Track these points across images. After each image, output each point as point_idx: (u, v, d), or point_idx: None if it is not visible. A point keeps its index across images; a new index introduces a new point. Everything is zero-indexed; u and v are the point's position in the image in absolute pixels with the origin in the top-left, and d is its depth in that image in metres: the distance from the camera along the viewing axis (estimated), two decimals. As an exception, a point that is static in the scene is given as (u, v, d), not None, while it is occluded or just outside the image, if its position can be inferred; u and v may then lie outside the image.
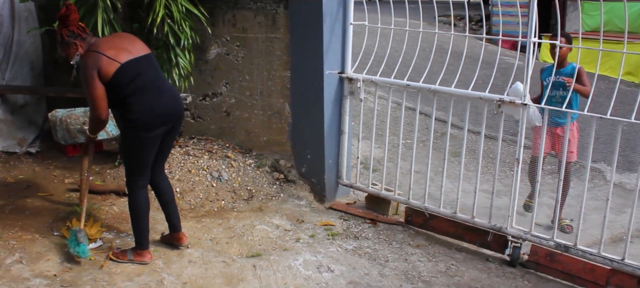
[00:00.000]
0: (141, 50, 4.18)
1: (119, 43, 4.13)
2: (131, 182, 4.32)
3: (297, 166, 5.98)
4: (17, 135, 6.42)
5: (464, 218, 4.99)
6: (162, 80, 4.27)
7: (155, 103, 4.11)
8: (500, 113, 4.62)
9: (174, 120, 4.26)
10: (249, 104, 6.13)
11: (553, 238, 4.50)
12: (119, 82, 3.99)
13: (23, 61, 6.56)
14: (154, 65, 4.25)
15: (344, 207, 5.66)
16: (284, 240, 4.90)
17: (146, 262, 4.35)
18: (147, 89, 4.09)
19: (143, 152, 4.20)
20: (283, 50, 5.76)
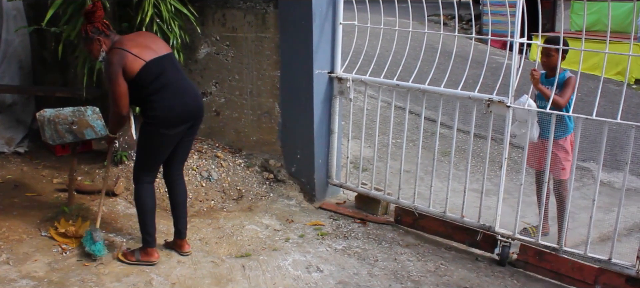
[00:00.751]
0: (163, 49, 4.21)
1: (142, 41, 4.15)
2: (139, 176, 4.31)
3: (286, 166, 5.97)
4: (5, 134, 6.38)
5: (453, 218, 5.00)
6: (183, 79, 4.27)
7: (177, 101, 4.12)
8: (490, 113, 4.62)
9: (194, 119, 4.27)
10: (239, 104, 6.11)
11: (538, 241, 4.53)
12: (142, 79, 4.02)
13: (11, 60, 6.52)
14: (175, 64, 4.27)
15: (334, 207, 5.65)
16: (273, 240, 4.89)
17: (153, 261, 4.33)
18: (170, 87, 4.11)
19: (160, 149, 4.23)
20: (273, 49, 5.74)
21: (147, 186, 4.32)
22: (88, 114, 4.98)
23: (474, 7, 14.42)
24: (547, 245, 4.52)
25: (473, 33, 5.50)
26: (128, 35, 4.30)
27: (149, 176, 4.32)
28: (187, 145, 4.44)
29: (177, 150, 4.36)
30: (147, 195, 4.32)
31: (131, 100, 4.13)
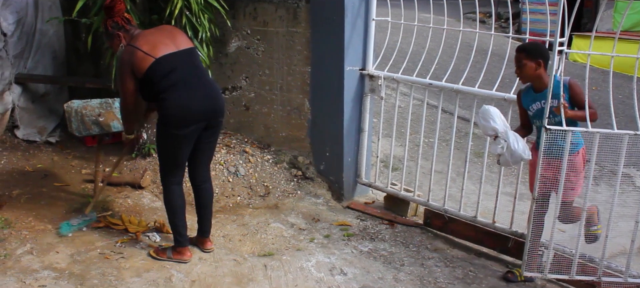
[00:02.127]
0: (182, 44, 4.08)
1: (158, 37, 4.03)
2: (164, 178, 4.25)
3: (315, 163, 5.87)
4: (37, 124, 6.43)
5: (484, 223, 4.84)
6: (199, 76, 4.10)
7: (189, 100, 3.98)
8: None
9: (209, 119, 4.10)
10: (269, 99, 6.04)
11: (577, 249, 4.32)
12: (152, 77, 3.92)
13: (45, 50, 6.55)
14: (193, 61, 4.12)
15: (362, 207, 5.54)
16: (297, 239, 4.81)
17: (185, 260, 4.28)
18: (182, 85, 3.97)
19: (175, 150, 4.12)
20: (304, 45, 5.65)
21: (173, 188, 4.24)
22: (115, 106, 4.94)
23: (513, 5, 14.12)
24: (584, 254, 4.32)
25: (510, 31, 5.32)
26: (149, 30, 4.22)
27: (173, 177, 4.24)
28: (207, 148, 4.30)
29: (198, 153, 4.25)
30: (173, 196, 4.25)
31: (146, 97, 4.08)
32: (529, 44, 4.14)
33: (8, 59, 5.98)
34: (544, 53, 4.04)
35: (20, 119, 6.25)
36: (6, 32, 5.92)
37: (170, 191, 4.23)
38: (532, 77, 4.07)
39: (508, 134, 4.02)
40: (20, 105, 6.24)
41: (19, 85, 6.20)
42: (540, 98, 4.07)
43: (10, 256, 4.22)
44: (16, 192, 5.23)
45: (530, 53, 4.03)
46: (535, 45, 4.15)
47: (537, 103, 4.11)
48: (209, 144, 4.28)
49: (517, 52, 4.09)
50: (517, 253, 4.64)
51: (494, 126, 4.01)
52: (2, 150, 5.99)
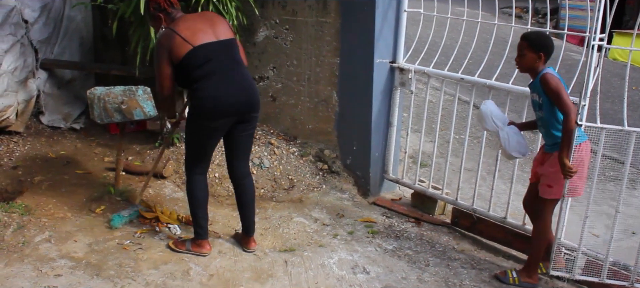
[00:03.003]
0: (222, 34, 3.94)
1: (199, 24, 3.90)
2: (188, 168, 4.13)
3: (342, 157, 5.73)
4: (63, 110, 6.38)
5: (514, 224, 4.65)
6: (236, 69, 3.95)
7: (222, 92, 3.84)
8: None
9: (242, 113, 3.96)
10: (296, 90, 5.90)
11: (607, 257, 4.12)
12: (188, 65, 3.80)
13: (73, 36, 6.50)
14: (231, 52, 3.97)
15: (388, 203, 5.38)
16: (320, 235, 4.67)
17: (204, 253, 4.17)
18: (216, 76, 3.84)
19: (203, 140, 4.02)
20: (333, 35, 5.50)
21: (197, 178, 4.12)
22: (139, 93, 4.86)
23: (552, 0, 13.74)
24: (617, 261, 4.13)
25: (548, 27, 5.09)
26: (189, 15, 4.08)
27: (198, 168, 4.12)
28: (243, 141, 4.13)
29: (233, 147, 4.13)
30: (197, 187, 4.13)
31: (179, 84, 3.96)
32: (534, 34, 3.99)
33: (30, 46, 5.91)
34: (547, 46, 3.90)
35: (46, 105, 6.21)
36: (28, 19, 5.85)
37: (193, 181, 4.12)
38: (529, 69, 3.95)
39: (499, 133, 4.09)
40: (46, 91, 6.19)
41: (45, 71, 6.14)
42: (531, 89, 4.04)
43: (29, 243, 4.16)
44: (38, 178, 5.18)
45: (533, 44, 3.89)
46: (539, 36, 3.97)
47: (531, 94, 4.07)
48: (244, 137, 4.12)
49: (521, 40, 3.95)
50: (546, 257, 4.44)
51: (485, 127, 4.17)
52: (26, 136, 5.96)
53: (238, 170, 4.23)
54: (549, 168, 3.99)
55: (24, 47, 5.74)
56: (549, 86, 3.78)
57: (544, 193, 4.06)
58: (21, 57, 5.68)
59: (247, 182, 4.27)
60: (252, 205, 4.30)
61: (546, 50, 3.88)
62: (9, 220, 4.37)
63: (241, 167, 4.23)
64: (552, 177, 3.98)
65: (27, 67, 5.77)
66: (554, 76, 3.81)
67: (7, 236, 4.21)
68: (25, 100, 5.82)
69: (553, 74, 3.83)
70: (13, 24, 5.58)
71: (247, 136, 4.13)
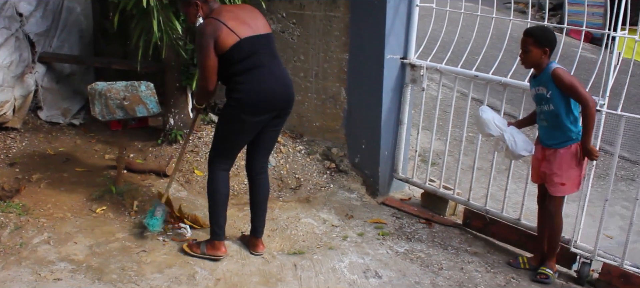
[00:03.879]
0: (262, 27, 3.81)
1: (241, 15, 3.76)
2: (214, 162, 3.96)
3: (350, 156, 5.56)
4: (61, 105, 6.20)
5: (528, 226, 4.50)
6: (276, 64, 3.86)
7: (265, 86, 3.73)
8: (580, 115, 4.07)
9: (281, 108, 3.87)
10: (303, 86, 5.73)
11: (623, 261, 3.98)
12: (233, 56, 3.66)
13: (72, 28, 6.31)
14: (271, 47, 3.86)
15: (398, 204, 5.21)
16: (330, 237, 4.50)
17: (219, 255, 3.99)
18: (260, 70, 3.72)
19: (238, 136, 3.87)
20: (342, 30, 5.32)
21: (221, 174, 3.95)
22: (141, 89, 4.68)
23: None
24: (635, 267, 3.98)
25: (565, 23, 4.94)
26: (227, 5, 3.95)
27: (224, 163, 3.96)
28: (272, 136, 4.04)
29: (260, 140, 3.98)
30: (220, 183, 3.95)
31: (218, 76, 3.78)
32: (538, 29, 3.95)
33: (26, 39, 5.72)
34: (551, 41, 3.88)
35: (44, 99, 6.02)
36: (23, 12, 5.66)
37: (217, 177, 3.95)
38: (536, 64, 3.93)
39: (504, 136, 4.02)
40: (44, 86, 6.00)
41: (43, 65, 5.96)
42: (536, 84, 3.98)
43: (27, 245, 3.99)
44: (36, 176, 5.00)
45: (538, 40, 3.86)
46: (543, 31, 3.93)
47: (534, 88, 4.01)
48: (273, 133, 4.03)
49: (524, 36, 3.91)
50: (562, 260, 4.32)
51: (489, 132, 4.05)
52: (24, 132, 5.77)
53: (258, 164, 4.09)
54: (559, 165, 3.96)
55: (19, 41, 5.55)
56: (563, 81, 3.77)
57: (557, 191, 4.02)
58: (16, 52, 5.48)
59: (264, 178, 4.14)
60: (264, 203, 4.16)
61: (551, 45, 3.87)
62: (5, 221, 4.20)
63: (263, 162, 4.11)
64: (565, 174, 3.95)
65: (23, 62, 5.58)
66: (565, 70, 3.82)
67: (4, 237, 4.04)
68: (22, 95, 5.63)
69: (563, 68, 3.83)
70: (7, 17, 5.40)
71: (276, 132, 4.05)
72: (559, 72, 3.78)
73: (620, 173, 6.42)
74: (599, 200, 5.28)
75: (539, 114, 4.04)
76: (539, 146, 4.12)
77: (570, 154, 3.93)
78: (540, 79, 3.90)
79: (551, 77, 3.81)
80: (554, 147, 3.97)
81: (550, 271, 4.13)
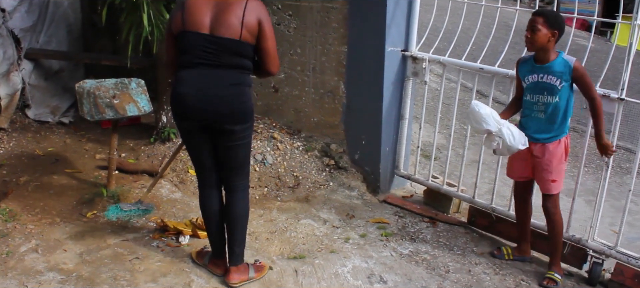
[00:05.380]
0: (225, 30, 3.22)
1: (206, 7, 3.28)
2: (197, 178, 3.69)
3: (349, 152, 5.37)
4: (50, 102, 5.98)
5: (536, 225, 4.31)
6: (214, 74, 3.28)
7: (181, 90, 3.32)
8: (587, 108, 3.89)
9: (207, 122, 3.35)
10: (300, 81, 5.53)
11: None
12: (178, 44, 3.36)
13: (59, 23, 6.09)
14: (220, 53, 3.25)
15: (400, 201, 5.03)
16: (331, 238, 4.31)
17: (216, 273, 3.70)
18: (188, 71, 3.32)
19: (187, 143, 3.58)
20: (340, 22, 5.12)
21: (202, 191, 3.63)
22: (132, 87, 4.47)
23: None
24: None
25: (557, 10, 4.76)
26: None
27: (199, 179, 3.64)
28: (226, 154, 3.48)
29: (218, 157, 3.54)
30: (201, 200, 3.64)
31: None
32: (550, 11, 3.76)
33: (10, 36, 5.49)
34: (561, 25, 3.68)
35: (32, 97, 5.80)
36: (5, 7, 5.43)
37: (200, 194, 3.66)
38: (541, 47, 3.69)
39: (502, 131, 3.79)
40: (32, 83, 5.79)
41: (30, 62, 5.74)
42: (540, 71, 3.75)
43: (13, 254, 3.78)
44: (24, 178, 4.79)
45: (549, 20, 3.64)
46: (555, 13, 3.74)
47: (535, 75, 3.79)
48: (227, 150, 3.46)
49: (534, 15, 3.70)
50: (573, 260, 4.16)
51: (487, 128, 3.79)
52: (11, 132, 5.56)
53: (227, 184, 3.60)
54: (549, 161, 3.84)
55: (2, 37, 5.32)
56: (585, 77, 3.64)
57: (551, 189, 3.89)
58: (0, 49, 5.25)
59: (233, 199, 3.59)
60: (234, 226, 3.61)
61: (560, 30, 3.67)
62: (-9, 228, 4.00)
63: (228, 180, 3.58)
64: (555, 170, 3.84)
65: (7, 59, 5.35)
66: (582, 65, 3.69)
67: (-10, 246, 3.84)
68: (8, 94, 5.40)
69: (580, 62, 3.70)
70: (-13, 13, 5.18)
71: (230, 149, 3.46)
72: (579, 65, 3.64)
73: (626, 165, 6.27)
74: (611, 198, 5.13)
75: (533, 105, 3.84)
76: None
77: (559, 149, 3.82)
78: (549, 67, 3.70)
79: (571, 69, 3.64)
80: (542, 141, 3.83)
81: (558, 276, 3.96)
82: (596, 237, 4.07)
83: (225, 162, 3.51)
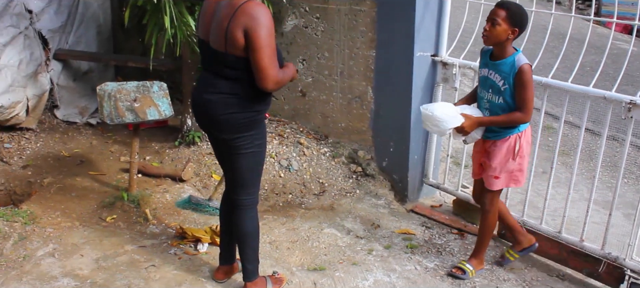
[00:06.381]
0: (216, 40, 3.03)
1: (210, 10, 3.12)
2: None
3: (377, 159, 5.22)
4: (79, 103, 5.98)
5: (570, 241, 4.08)
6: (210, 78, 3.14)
7: (193, 91, 3.30)
8: (630, 118, 3.67)
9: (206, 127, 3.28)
10: (327, 85, 5.41)
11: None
12: None
13: (89, 24, 6.08)
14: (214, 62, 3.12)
15: (428, 211, 4.87)
16: (354, 250, 4.18)
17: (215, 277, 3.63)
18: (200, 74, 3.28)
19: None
20: (368, 25, 4.98)
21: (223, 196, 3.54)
22: (154, 90, 4.40)
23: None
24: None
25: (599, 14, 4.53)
26: None
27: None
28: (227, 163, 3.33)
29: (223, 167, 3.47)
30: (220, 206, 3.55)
31: None
32: (515, 5, 3.49)
33: (37, 37, 5.49)
34: (523, 23, 3.48)
35: (60, 98, 5.80)
36: (33, 8, 5.42)
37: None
38: (498, 43, 3.51)
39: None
40: (60, 84, 5.78)
41: (59, 62, 5.73)
42: (491, 67, 3.61)
43: (30, 258, 3.75)
44: (48, 180, 4.78)
45: (512, 16, 3.43)
46: (520, 8, 3.49)
47: (485, 70, 3.66)
48: (227, 159, 3.30)
49: (496, 7, 3.48)
50: (609, 279, 3.92)
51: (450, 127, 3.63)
52: (39, 132, 5.56)
53: (232, 196, 3.36)
54: (495, 158, 3.69)
55: (29, 39, 5.31)
56: (524, 78, 3.44)
57: (490, 185, 3.77)
58: (26, 50, 5.24)
59: (238, 216, 3.35)
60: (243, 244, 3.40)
61: (521, 27, 3.48)
62: (10, 231, 3.97)
63: (232, 194, 3.35)
64: (500, 167, 3.69)
65: (35, 60, 5.34)
66: (531, 70, 3.48)
67: (7, 249, 3.81)
68: (36, 95, 5.40)
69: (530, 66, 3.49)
70: (15, 14, 5.14)
71: (229, 159, 3.27)
72: (526, 68, 3.43)
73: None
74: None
75: (481, 99, 3.73)
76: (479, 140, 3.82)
77: (507, 146, 3.65)
78: (499, 65, 3.53)
79: (516, 71, 3.45)
80: (492, 138, 3.68)
81: (470, 266, 3.91)
82: (635, 256, 3.83)
83: (229, 173, 3.36)
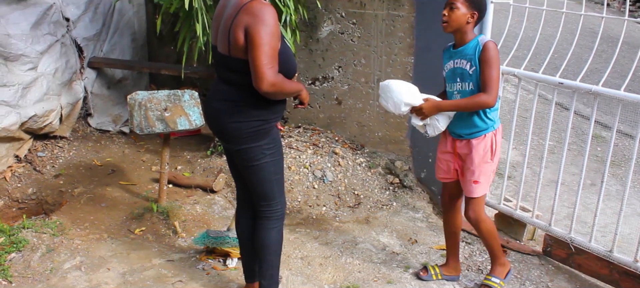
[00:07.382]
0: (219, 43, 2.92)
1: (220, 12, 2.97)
2: None
3: (415, 170, 5.03)
4: (112, 111, 5.92)
5: (622, 261, 3.80)
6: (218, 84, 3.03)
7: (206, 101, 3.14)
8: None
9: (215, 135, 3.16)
10: (364, 93, 5.23)
11: None
12: None
13: (124, 32, 6.02)
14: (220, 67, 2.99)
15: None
16: (389, 267, 3.98)
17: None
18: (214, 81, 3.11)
19: None
20: (406, 31, 4.80)
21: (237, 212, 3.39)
22: (185, 99, 4.28)
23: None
24: None
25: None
26: None
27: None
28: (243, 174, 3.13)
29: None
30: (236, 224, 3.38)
31: None
32: None
33: (73, 45, 5.43)
34: (482, 6, 3.34)
35: (94, 106, 5.74)
36: (70, 16, 5.37)
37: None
38: (458, 28, 3.35)
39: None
40: (94, 92, 5.73)
41: (93, 70, 5.68)
42: (455, 56, 3.44)
43: (57, 271, 3.66)
44: (78, 190, 4.71)
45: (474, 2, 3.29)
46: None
47: (451, 62, 3.49)
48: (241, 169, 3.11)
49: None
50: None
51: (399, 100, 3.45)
52: (72, 140, 5.50)
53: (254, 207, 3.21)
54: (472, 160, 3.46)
55: (65, 47, 5.25)
56: (488, 55, 3.24)
57: (472, 192, 3.52)
58: (62, 58, 5.18)
59: (257, 226, 3.19)
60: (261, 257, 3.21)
61: (480, 11, 3.34)
62: (38, 242, 3.89)
63: (255, 204, 3.18)
64: (478, 169, 3.45)
65: (70, 68, 5.28)
66: (496, 48, 3.29)
67: (34, 262, 3.73)
68: (70, 103, 5.34)
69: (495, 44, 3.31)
70: (52, 22, 5.08)
71: (243, 169, 3.09)
72: (491, 44, 3.26)
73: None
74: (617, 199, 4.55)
75: (451, 95, 3.52)
76: (448, 138, 3.60)
77: (484, 146, 3.44)
78: (462, 51, 3.37)
79: (480, 48, 3.27)
80: (466, 137, 3.45)
81: (497, 280, 3.68)
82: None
83: (247, 184, 3.15)
